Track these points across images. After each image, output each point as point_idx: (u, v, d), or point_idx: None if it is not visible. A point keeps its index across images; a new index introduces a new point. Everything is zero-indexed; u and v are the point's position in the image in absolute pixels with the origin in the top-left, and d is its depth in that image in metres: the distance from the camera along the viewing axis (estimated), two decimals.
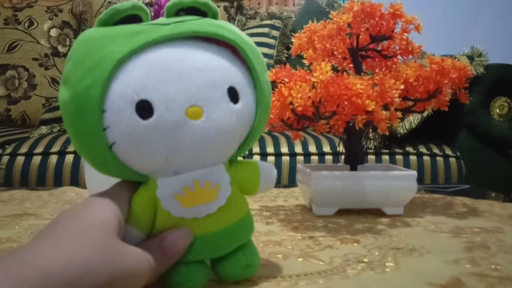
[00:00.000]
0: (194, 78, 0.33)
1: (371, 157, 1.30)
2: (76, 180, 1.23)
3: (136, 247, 0.32)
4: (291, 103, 0.55)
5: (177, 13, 0.36)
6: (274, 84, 0.52)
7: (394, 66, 0.66)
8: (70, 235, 0.29)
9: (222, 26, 0.36)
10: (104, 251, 0.29)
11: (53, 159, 1.25)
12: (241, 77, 0.36)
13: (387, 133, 0.60)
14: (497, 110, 1.38)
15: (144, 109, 0.32)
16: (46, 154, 1.26)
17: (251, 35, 1.73)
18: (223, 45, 0.36)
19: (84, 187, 0.74)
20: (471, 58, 1.38)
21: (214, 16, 0.38)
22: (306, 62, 0.65)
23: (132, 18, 0.35)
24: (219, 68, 0.34)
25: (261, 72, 0.37)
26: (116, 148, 0.33)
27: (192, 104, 0.33)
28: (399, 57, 0.66)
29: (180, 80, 0.32)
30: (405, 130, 1.32)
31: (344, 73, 0.57)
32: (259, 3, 2.59)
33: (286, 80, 0.57)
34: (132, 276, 0.31)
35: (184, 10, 0.36)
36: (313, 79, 0.54)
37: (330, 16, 0.64)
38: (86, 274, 0.28)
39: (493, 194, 0.86)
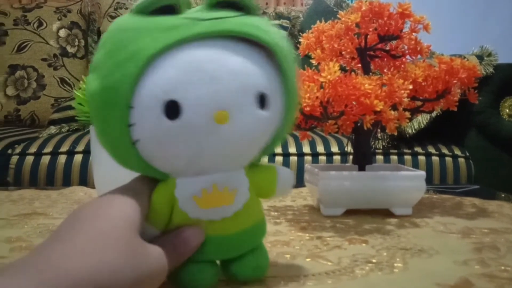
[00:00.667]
0: (225, 81, 0.32)
1: (380, 157, 1.29)
2: (85, 179, 1.23)
3: (156, 246, 0.32)
4: (299, 103, 0.54)
5: (215, 5, 0.35)
6: None
7: (402, 66, 0.66)
8: (95, 238, 0.29)
9: (259, 27, 0.35)
10: (128, 254, 0.29)
11: (62, 159, 1.26)
12: (272, 82, 0.35)
13: (395, 133, 0.60)
14: (507, 110, 1.37)
15: (172, 109, 0.31)
16: (55, 154, 1.27)
17: None
18: (258, 46, 0.35)
19: (93, 186, 0.74)
20: (480, 57, 1.37)
21: (254, 11, 0.36)
22: (314, 62, 0.65)
23: (170, 7, 0.33)
24: (251, 72, 0.33)
25: (292, 78, 0.36)
26: (139, 146, 0.33)
27: (220, 108, 0.32)
28: (407, 57, 0.66)
29: (211, 82, 0.32)
30: (413, 130, 1.31)
31: (352, 73, 0.57)
32: (267, 3, 2.58)
33: None
34: (155, 275, 0.31)
35: (224, 2, 0.35)
36: (321, 79, 0.54)
37: (338, 16, 0.64)
38: (113, 278, 0.28)
39: (503, 195, 0.86)
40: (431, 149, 1.33)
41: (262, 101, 0.34)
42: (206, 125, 0.32)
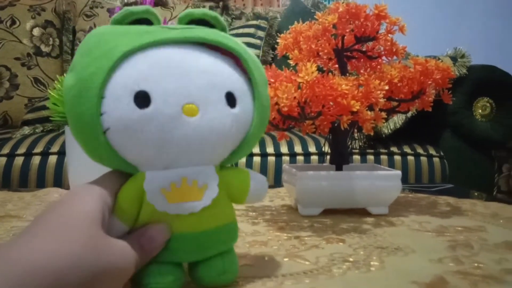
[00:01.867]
0: (194, 78, 0.34)
1: (356, 157, 1.31)
2: (60, 181, 1.21)
3: (122, 241, 0.32)
4: (276, 103, 0.55)
5: (187, 24, 0.38)
6: None
7: (378, 67, 0.66)
8: (55, 229, 0.29)
9: (228, 37, 0.38)
10: (90, 245, 0.29)
11: (36, 160, 1.24)
12: (240, 85, 0.37)
13: (372, 133, 0.60)
14: (480, 111, 1.39)
15: (142, 99, 0.33)
16: (28, 155, 1.25)
17: (237, 35, 1.73)
18: (227, 55, 0.37)
19: (68, 188, 0.73)
20: (454, 59, 1.39)
21: (223, 30, 0.39)
22: (291, 62, 0.65)
23: (144, 21, 0.36)
24: (220, 73, 0.36)
25: (261, 84, 0.38)
26: (110, 134, 0.33)
27: (189, 102, 0.34)
28: (383, 58, 0.67)
29: (181, 78, 0.34)
30: (389, 130, 1.33)
31: (330, 73, 0.58)
32: (244, 4, 2.59)
33: (272, 80, 0.57)
34: (119, 269, 0.31)
35: (195, 22, 0.38)
36: (299, 80, 0.54)
37: (315, 17, 0.64)
38: (73, 268, 0.27)
39: (476, 193, 0.88)
40: (407, 149, 1.35)
41: (230, 99, 0.36)
42: (174, 116, 0.33)
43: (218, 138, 0.35)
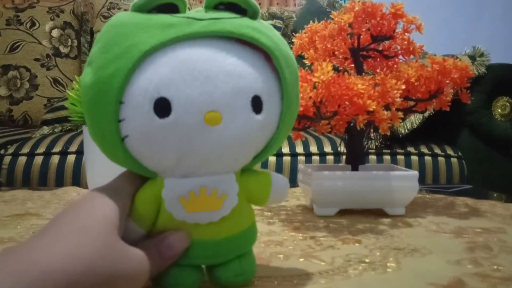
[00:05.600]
0: (219, 82, 0.31)
1: (372, 157, 1.30)
2: (78, 180, 1.23)
3: (137, 248, 0.32)
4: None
5: (216, 7, 0.35)
6: None
7: (395, 66, 0.66)
8: (71, 233, 0.29)
9: (259, 30, 0.34)
10: (105, 250, 0.29)
11: (55, 159, 1.25)
12: (269, 86, 0.34)
13: (388, 133, 0.60)
14: (499, 110, 1.37)
15: (163, 107, 0.31)
16: (48, 154, 1.26)
17: None
18: (257, 49, 0.34)
19: (86, 187, 0.74)
20: (472, 58, 1.38)
21: (254, 14, 0.36)
22: (307, 62, 0.65)
23: (168, 6, 0.33)
24: (247, 74, 0.33)
25: (292, 83, 0.35)
26: (128, 142, 0.32)
27: (212, 109, 0.31)
28: (400, 57, 0.66)
29: (205, 82, 0.31)
30: (406, 130, 1.32)
31: (345, 73, 0.57)
32: (260, 4, 2.59)
33: None
34: (133, 277, 0.31)
35: (224, 4, 0.35)
36: (314, 79, 0.54)
37: (331, 16, 0.64)
38: (87, 273, 0.27)
39: (495, 195, 0.86)
40: (424, 149, 1.34)
41: (257, 104, 0.33)
42: (196, 126, 0.31)
43: (241, 147, 0.33)
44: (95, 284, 0.28)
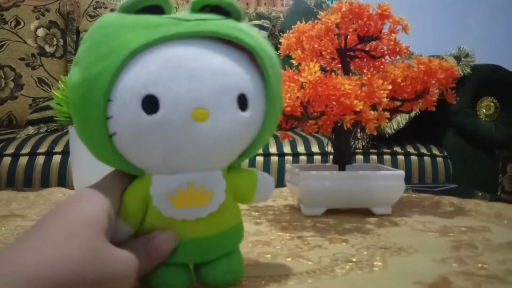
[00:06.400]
0: (206, 80, 0.32)
1: (359, 157, 1.30)
2: (64, 180, 1.22)
3: (124, 250, 0.32)
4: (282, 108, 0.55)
5: (201, 10, 0.36)
6: None
7: (382, 66, 0.66)
8: (57, 236, 0.29)
9: (244, 31, 0.35)
10: (91, 254, 0.29)
11: (40, 159, 1.24)
12: (253, 85, 0.35)
13: (375, 133, 0.60)
14: (484, 110, 1.39)
15: (150, 104, 0.31)
16: (33, 154, 1.25)
17: None
18: (241, 50, 0.35)
19: (72, 187, 0.73)
20: (458, 58, 1.39)
21: (238, 17, 0.37)
22: (294, 62, 0.65)
23: (155, 8, 0.34)
24: (233, 73, 0.34)
25: (275, 83, 0.36)
26: (116, 139, 0.32)
27: (199, 106, 0.32)
28: (387, 57, 0.67)
29: (192, 80, 0.32)
30: (393, 130, 1.33)
31: (333, 73, 0.57)
32: (247, 3, 2.59)
33: None
34: (120, 279, 0.31)
35: (209, 7, 0.36)
36: (302, 79, 0.54)
37: (318, 16, 0.64)
38: (74, 277, 0.27)
39: (480, 194, 0.87)
40: (410, 149, 1.35)
41: (242, 102, 0.34)
42: (183, 122, 0.32)
43: (228, 143, 0.34)
44: (81, 287, 0.28)
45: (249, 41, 0.34)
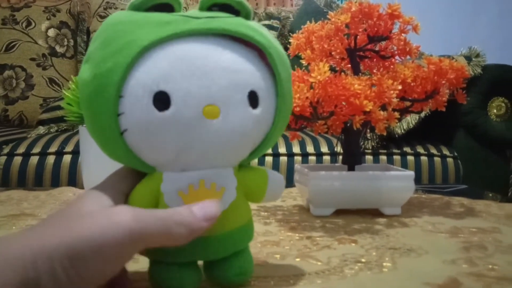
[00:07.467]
0: (216, 77, 0.32)
1: (369, 157, 1.30)
2: (74, 180, 1.23)
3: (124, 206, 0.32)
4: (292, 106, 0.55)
5: (210, 8, 0.36)
6: None
7: (392, 66, 0.66)
8: (57, 231, 0.29)
9: (253, 28, 0.35)
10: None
11: (51, 159, 1.25)
12: (264, 82, 0.35)
13: (384, 134, 0.60)
14: (495, 111, 1.38)
15: (162, 100, 0.31)
16: (43, 154, 1.26)
17: None
18: (251, 47, 0.35)
19: (82, 187, 0.74)
20: (468, 58, 1.38)
21: (247, 16, 0.37)
22: (304, 62, 0.65)
23: (165, 6, 0.34)
24: (243, 70, 0.34)
25: (286, 80, 0.36)
26: (127, 136, 0.32)
27: (211, 103, 0.32)
28: (397, 57, 0.66)
29: (203, 77, 0.32)
30: (402, 131, 1.32)
31: (342, 73, 0.57)
32: (257, 4, 2.59)
33: None
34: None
35: (218, 5, 0.36)
36: (311, 80, 0.54)
37: (328, 16, 0.64)
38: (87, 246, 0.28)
39: (490, 195, 0.87)
40: (420, 149, 1.34)
41: (253, 99, 0.34)
42: (195, 119, 0.32)
43: (239, 140, 0.34)
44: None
45: (259, 39, 0.35)
